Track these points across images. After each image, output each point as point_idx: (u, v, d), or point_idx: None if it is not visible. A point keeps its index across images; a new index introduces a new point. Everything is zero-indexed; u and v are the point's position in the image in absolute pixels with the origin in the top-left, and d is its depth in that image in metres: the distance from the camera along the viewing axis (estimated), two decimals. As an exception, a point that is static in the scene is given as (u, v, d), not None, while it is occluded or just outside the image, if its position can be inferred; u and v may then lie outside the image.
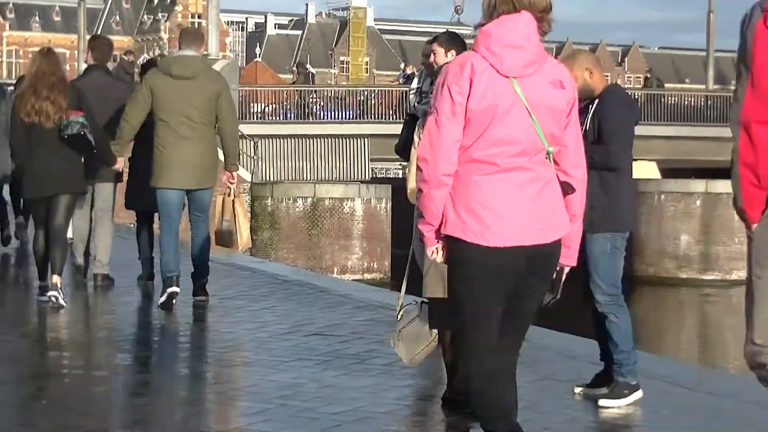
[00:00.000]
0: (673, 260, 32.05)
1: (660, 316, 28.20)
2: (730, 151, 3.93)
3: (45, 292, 9.42)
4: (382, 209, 30.50)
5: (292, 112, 38.73)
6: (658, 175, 38.85)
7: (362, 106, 39.52)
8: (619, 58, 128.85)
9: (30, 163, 9.50)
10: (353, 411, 6.11)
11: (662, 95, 43.27)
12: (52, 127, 9.30)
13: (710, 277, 31.80)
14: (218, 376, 7.26)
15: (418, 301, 6.24)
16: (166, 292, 9.45)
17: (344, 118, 38.94)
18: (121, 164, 9.79)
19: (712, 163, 36.68)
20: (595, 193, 6.43)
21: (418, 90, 7.73)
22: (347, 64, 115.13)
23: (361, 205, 30.59)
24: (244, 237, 10.06)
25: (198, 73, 9.50)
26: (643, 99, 40.04)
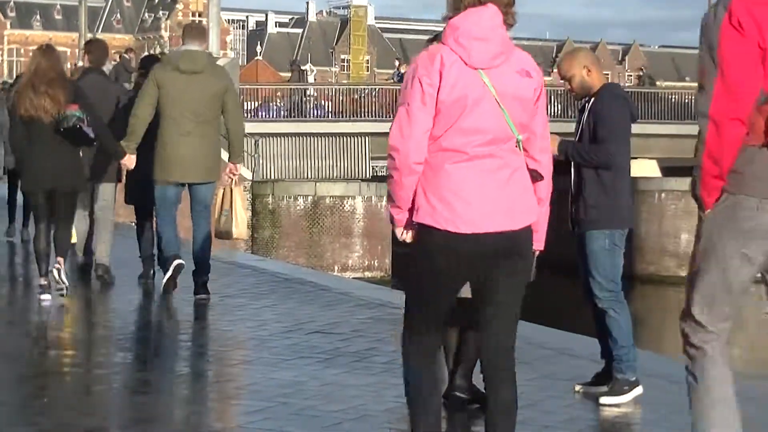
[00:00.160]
0: (674, 258, 32.02)
1: (660, 315, 28.17)
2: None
3: (45, 290, 9.46)
4: (383, 207, 30.48)
5: (285, 110, 38.64)
6: (659, 174, 38.83)
7: (357, 104, 39.45)
8: (620, 57, 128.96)
9: (29, 158, 9.55)
10: (354, 409, 6.12)
11: (657, 93, 43.24)
12: (51, 122, 9.34)
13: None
14: (219, 375, 7.27)
15: None
16: (170, 268, 9.63)
17: (341, 117, 38.91)
18: (132, 160, 9.72)
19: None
20: (594, 191, 6.45)
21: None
22: (348, 63, 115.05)
23: (361, 203, 30.60)
24: (240, 226, 10.00)
25: (205, 68, 9.59)
26: (638, 97, 40.01)
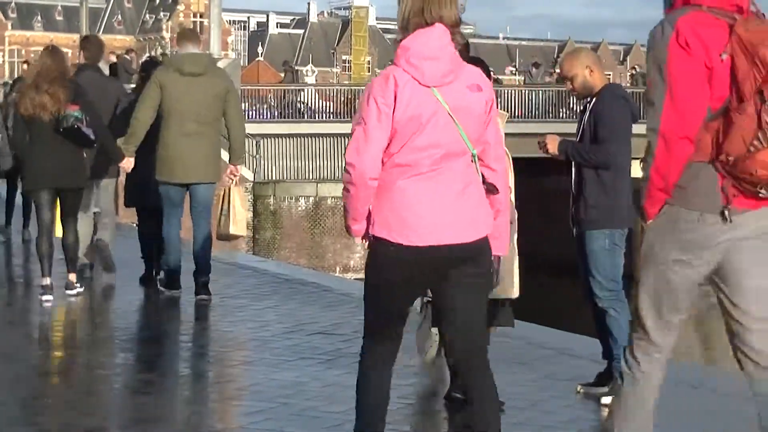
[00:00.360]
0: (676, 259, 31.98)
1: (662, 315, 28.15)
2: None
3: (47, 291, 9.51)
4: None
5: (288, 111, 38.61)
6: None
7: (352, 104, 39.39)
8: (621, 57, 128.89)
9: (30, 157, 9.61)
10: (355, 410, 6.11)
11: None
12: (51, 120, 9.42)
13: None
14: (220, 375, 7.27)
15: (424, 301, 6.39)
16: (165, 290, 9.97)
17: (343, 117, 38.84)
18: (131, 163, 9.78)
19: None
20: (594, 191, 6.46)
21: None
22: (349, 64, 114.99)
23: (363, 204, 30.52)
24: (238, 224, 10.03)
25: (206, 70, 9.70)
26: (639, 97, 39.95)
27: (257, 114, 37.18)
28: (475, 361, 4.69)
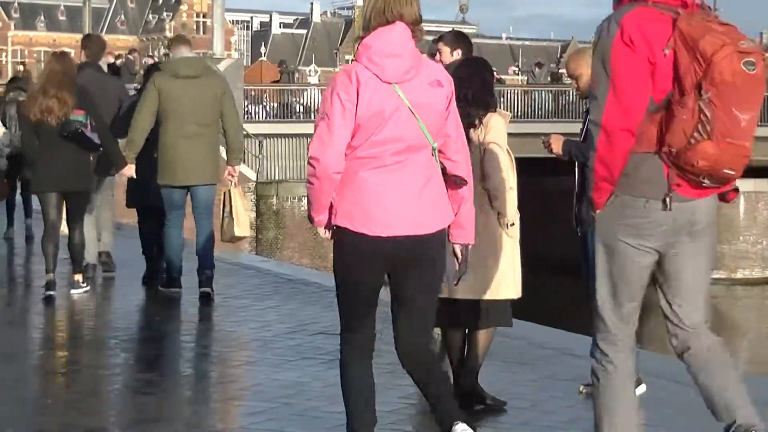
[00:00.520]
0: (677, 258, 32.01)
1: (663, 315, 28.17)
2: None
3: (51, 287, 9.58)
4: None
5: (280, 111, 38.55)
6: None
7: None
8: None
9: (38, 161, 9.73)
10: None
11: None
12: (58, 124, 9.56)
13: (715, 275, 31.68)
14: (222, 375, 7.27)
15: None
16: (166, 290, 10.03)
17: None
18: (132, 170, 9.84)
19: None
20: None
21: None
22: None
23: (365, 204, 30.53)
24: (242, 225, 10.10)
25: (202, 73, 9.83)
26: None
27: (260, 114, 37.14)
28: (420, 355, 4.88)
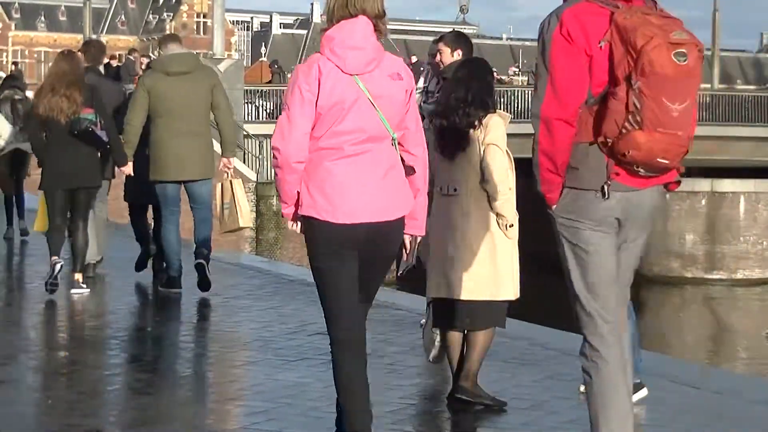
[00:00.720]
0: (679, 259, 31.94)
1: (665, 316, 28.16)
2: (532, 142, 4.51)
3: (55, 268, 9.63)
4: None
5: (267, 111, 38.50)
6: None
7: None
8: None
9: (47, 158, 9.83)
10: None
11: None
12: (67, 123, 9.64)
13: (715, 276, 31.70)
14: (223, 376, 7.26)
15: (428, 302, 6.44)
16: (165, 290, 9.98)
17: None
18: (130, 168, 9.88)
19: (718, 162, 36.59)
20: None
21: (424, 89, 7.73)
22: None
23: (365, 204, 30.50)
24: (245, 214, 10.16)
25: (192, 68, 9.86)
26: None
27: (260, 114, 37.09)
28: (358, 338, 5.02)
